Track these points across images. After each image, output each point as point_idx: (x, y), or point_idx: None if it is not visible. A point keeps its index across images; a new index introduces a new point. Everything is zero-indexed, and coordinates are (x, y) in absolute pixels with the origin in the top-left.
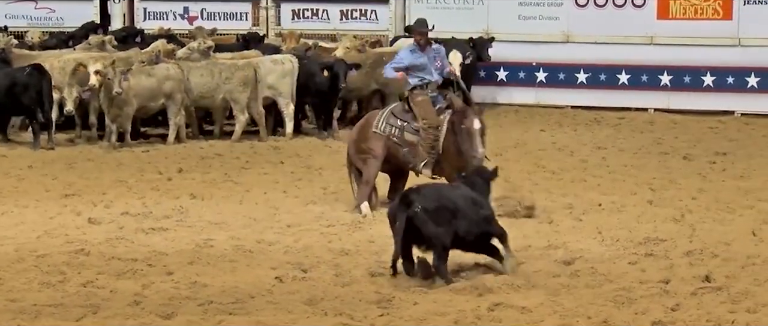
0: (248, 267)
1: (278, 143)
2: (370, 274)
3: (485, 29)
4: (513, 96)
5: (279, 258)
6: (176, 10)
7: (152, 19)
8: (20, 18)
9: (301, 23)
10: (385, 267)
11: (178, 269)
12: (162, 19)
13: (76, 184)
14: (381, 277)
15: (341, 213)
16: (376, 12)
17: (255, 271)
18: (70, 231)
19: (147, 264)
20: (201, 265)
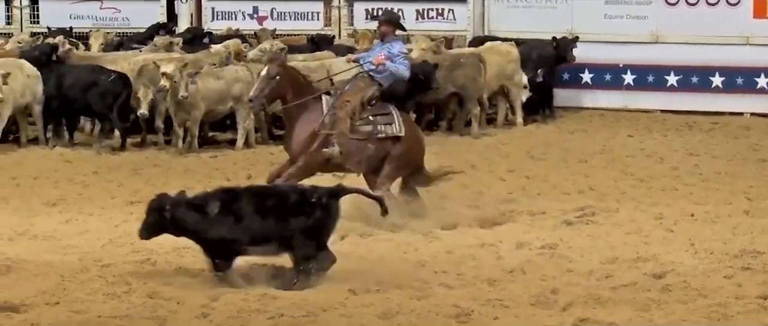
0: (320, 279)
1: None
2: (447, 287)
3: (569, 29)
4: (599, 99)
5: (354, 268)
6: (245, 10)
7: (220, 19)
8: (85, 18)
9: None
10: (463, 280)
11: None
12: (230, 19)
13: (142, 191)
14: (459, 290)
15: (416, 223)
16: (453, 11)
17: (327, 283)
18: (136, 239)
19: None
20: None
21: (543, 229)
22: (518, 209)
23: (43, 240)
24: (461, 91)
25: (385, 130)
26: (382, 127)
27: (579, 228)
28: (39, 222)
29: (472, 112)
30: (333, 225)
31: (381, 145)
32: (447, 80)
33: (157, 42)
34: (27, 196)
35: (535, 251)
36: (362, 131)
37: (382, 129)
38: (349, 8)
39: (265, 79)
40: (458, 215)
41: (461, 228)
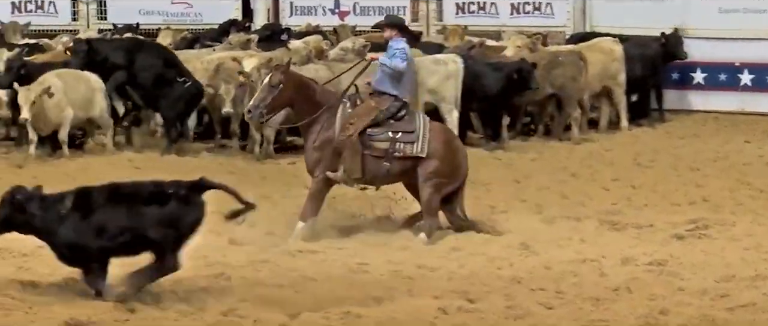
0: (408, 296)
1: None
2: (545, 306)
3: (679, 25)
4: (711, 101)
5: (442, 286)
6: (326, 5)
7: (299, 15)
8: (155, 14)
9: (465, 18)
10: (563, 299)
11: (329, 297)
12: (310, 15)
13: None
14: (559, 309)
15: (512, 236)
16: (551, 5)
17: (415, 301)
18: (210, 252)
19: (294, 291)
20: (354, 293)
21: (651, 244)
22: (624, 221)
23: None
24: (560, 92)
25: (403, 149)
26: (402, 145)
27: (691, 242)
28: None
29: (572, 115)
30: (194, 220)
31: (400, 164)
32: (544, 80)
33: (232, 39)
34: None
35: (642, 268)
36: (378, 148)
37: (400, 147)
38: (438, 2)
39: (266, 88)
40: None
41: (561, 240)
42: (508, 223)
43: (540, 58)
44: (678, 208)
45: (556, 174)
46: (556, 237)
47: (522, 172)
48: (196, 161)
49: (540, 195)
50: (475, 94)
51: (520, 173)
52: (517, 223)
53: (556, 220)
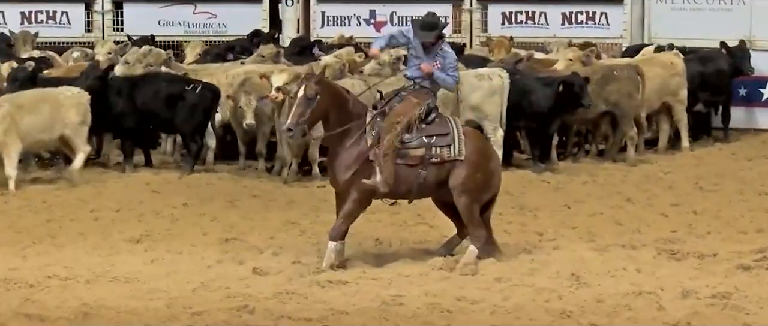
0: None
1: None
2: None
3: (747, 35)
4: None
5: (484, 320)
6: (361, 15)
7: (331, 25)
8: (176, 25)
9: (512, 29)
10: None
11: None
12: (343, 25)
13: (239, 226)
14: None
15: (562, 264)
16: (607, 15)
17: None
18: (232, 283)
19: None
20: None
21: (714, 275)
22: (684, 250)
23: (126, 283)
24: (615, 109)
25: (440, 153)
26: (437, 150)
27: (758, 274)
28: (121, 261)
29: (628, 134)
30: None
31: (436, 171)
32: (598, 96)
33: (263, 52)
34: (107, 232)
35: (705, 301)
36: (413, 155)
37: (437, 152)
38: (483, 12)
39: (302, 101)
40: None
41: (615, 270)
42: (558, 252)
43: (593, 72)
44: (744, 236)
45: (609, 199)
46: (609, 268)
47: (573, 197)
48: (219, 184)
49: (592, 221)
50: (523, 111)
51: (571, 197)
52: (567, 252)
53: (609, 249)
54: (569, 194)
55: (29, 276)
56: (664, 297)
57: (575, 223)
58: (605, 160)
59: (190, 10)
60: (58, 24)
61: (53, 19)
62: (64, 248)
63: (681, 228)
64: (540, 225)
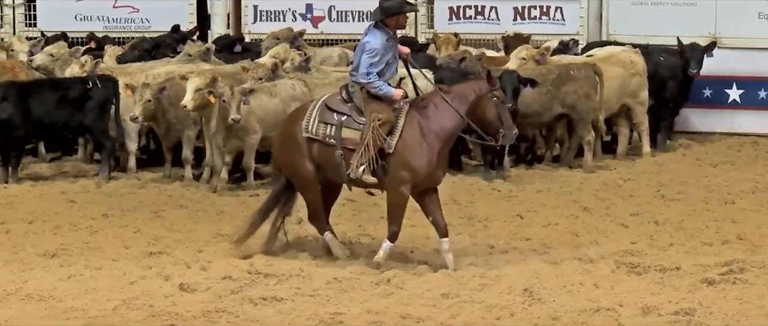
0: None
1: None
2: None
3: (711, 32)
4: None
5: None
6: (296, 9)
7: (264, 21)
8: (94, 20)
9: (461, 25)
10: None
11: None
12: (278, 21)
13: (165, 239)
14: None
15: (514, 279)
16: (562, 9)
17: None
18: (157, 300)
19: None
20: None
21: (677, 290)
22: (645, 263)
23: (40, 301)
24: (571, 111)
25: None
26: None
27: (724, 288)
28: (34, 278)
29: (585, 138)
30: None
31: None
32: (553, 98)
33: (190, 50)
34: (20, 245)
35: (667, 318)
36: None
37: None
38: (429, 6)
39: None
40: None
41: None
42: (510, 266)
43: (548, 72)
44: (709, 248)
45: (565, 209)
46: (565, 282)
47: (526, 206)
48: (142, 193)
49: (546, 232)
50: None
51: (524, 207)
52: (520, 266)
53: (565, 262)
54: (522, 203)
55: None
56: (624, 314)
57: (528, 235)
58: (561, 167)
59: (110, 4)
60: None
61: None
62: None
63: (642, 239)
64: (491, 236)
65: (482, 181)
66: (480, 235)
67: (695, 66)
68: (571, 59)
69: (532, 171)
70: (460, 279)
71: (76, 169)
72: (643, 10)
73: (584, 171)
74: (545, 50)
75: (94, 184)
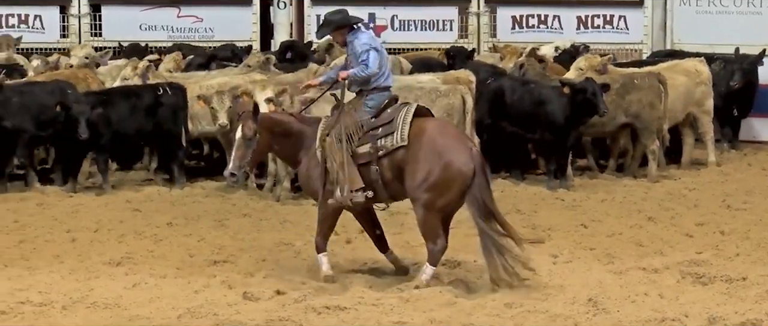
0: None
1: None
2: None
3: None
4: None
5: None
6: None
7: None
8: (158, 29)
9: (524, 34)
10: None
11: None
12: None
13: (228, 248)
14: None
15: (578, 289)
16: (625, 18)
17: None
18: (220, 309)
19: None
20: None
21: (743, 301)
22: (710, 274)
23: (105, 309)
24: (635, 120)
25: (384, 144)
26: (383, 141)
27: None
28: (100, 286)
29: (649, 147)
30: None
31: (389, 165)
32: (617, 107)
33: (250, 60)
34: (85, 254)
35: None
36: (360, 153)
37: (382, 143)
38: (492, 15)
39: (242, 144)
40: None
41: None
42: (574, 275)
43: (612, 81)
44: None
45: (629, 218)
46: (629, 293)
47: (590, 215)
48: (206, 202)
49: (610, 242)
50: (537, 123)
51: (588, 216)
52: (584, 275)
53: (629, 272)
54: (586, 213)
55: (0, 302)
56: (689, 325)
57: (592, 244)
58: (625, 176)
59: (174, 14)
60: (31, 28)
61: (26, 23)
62: (39, 271)
63: (707, 249)
64: (554, 246)
65: (546, 191)
66: (544, 245)
67: (737, 78)
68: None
69: (595, 181)
70: (523, 289)
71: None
72: (707, 18)
73: (648, 180)
74: (608, 59)
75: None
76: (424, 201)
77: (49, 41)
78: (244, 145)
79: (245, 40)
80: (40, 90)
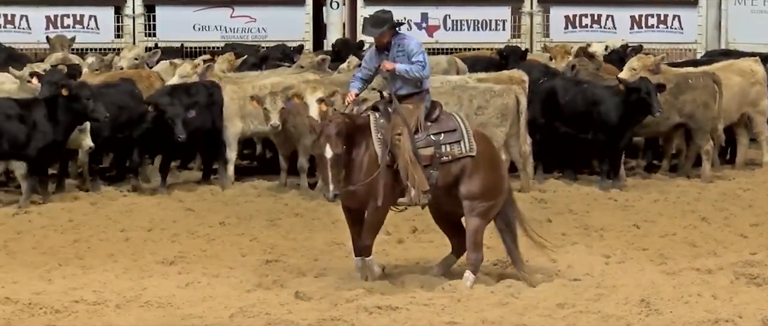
0: None
1: (544, 194)
2: None
3: None
4: None
5: None
6: (411, 18)
7: None
8: (212, 30)
9: (577, 34)
10: None
11: None
12: None
13: (280, 247)
14: None
15: (631, 289)
16: (680, 18)
17: None
18: (273, 308)
19: None
20: None
21: None
22: (765, 275)
23: (158, 308)
24: (689, 121)
25: (451, 151)
26: (447, 147)
27: None
28: (153, 285)
29: (703, 148)
30: None
31: (447, 172)
32: (671, 107)
33: (303, 61)
34: (139, 253)
35: None
36: (423, 155)
37: (447, 150)
38: (545, 15)
39: (335, 162)
40: None
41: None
42: (626, 276)
43: (666, 81)
44: None
45: (683, 219)
46: (682, 293)
47: (642, 216)
48: (258, 201)
49: (663, 242)
50: (591, 123)
51: (640, 217)
52: (637, 276)
53: (682, 273)
54: (638, 213)
55: (55, 300)
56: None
57: (645, 245)
58: (678, 176)
59: (227, 14)
60: (86, 29)
61: (81, 23)
62: (93, 270)
63: (761, 250)
64: (607, 246)
65: (598, 191)
66: (596, 245)
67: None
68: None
69: (648, 181)
70: (576, 289)
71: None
72: (763, 17)
73: (702, 180)
74: (661, 59)
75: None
76: (481, 210)
77: (103, 41)
78: (337, 164)
79: (298, 40)
80: (117, 91)
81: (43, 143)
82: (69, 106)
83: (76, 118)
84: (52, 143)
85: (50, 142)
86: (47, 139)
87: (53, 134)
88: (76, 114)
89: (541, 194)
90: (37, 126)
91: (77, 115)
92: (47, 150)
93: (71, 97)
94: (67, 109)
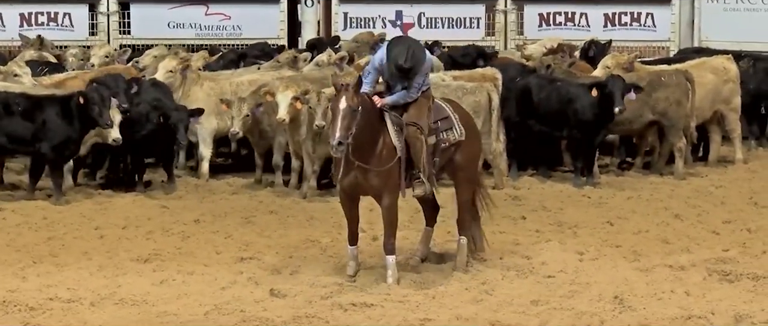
0: None
1: (519, 191)
2: None
3: None
4: None
5: None
6: (386, 16)
7: (354, 27)
8: (187, 27)
9: (551, 31)
10: None
11: None
12: (367, 27)
13: (256, 244)
14: None
15: (604, 286)
16: (653, 15)
17: None
18: (247, 306)
19: None
20: None
21: None
22: (737, 271)
23: (133, 306)
24: (662, 118)
25: (448, 138)
26: (445, 134)
27: None
28: (127, 282)
29: (676, 145)
30: None
31: (444, 156)
32: (644, 105)
33: (279, 57)
34: (113, 251)
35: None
36: (430, 144)
37: (445, 137)
38: (519, 13)
39: (348, 113)
40: None
41: (662, 293)
42: (600, 273)
43: (639, 79)
44: None
45: (656, 216)
46: (655, 290)
47: (616, 213)
48: (233, 199)
49: (637, 239)
50: (565, 121)
51: (614, 214)
52: (610, 273)
53: (655, 269)
54: (612, 210)
55: (29, 298)
56: (716, 323)
57: (619, 242)
58: (651, 174)
59: (202, 12)
60: (60, 26)
61: (55, 21)
62: (67, 268)
63: (734, 247)
64: (581, 243)
65: (572, 188)
66: (570, 242)
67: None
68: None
69: (622, 178)
70: (549, 286)
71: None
72: (735, 15)
73: (675, 178)
74: (634, 57)
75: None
76: (469, 175)
77: (77, 39)
78: (349, 115)
79: (273, 38)
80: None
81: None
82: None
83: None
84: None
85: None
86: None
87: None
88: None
89: (515, 191)
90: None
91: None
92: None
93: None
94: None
